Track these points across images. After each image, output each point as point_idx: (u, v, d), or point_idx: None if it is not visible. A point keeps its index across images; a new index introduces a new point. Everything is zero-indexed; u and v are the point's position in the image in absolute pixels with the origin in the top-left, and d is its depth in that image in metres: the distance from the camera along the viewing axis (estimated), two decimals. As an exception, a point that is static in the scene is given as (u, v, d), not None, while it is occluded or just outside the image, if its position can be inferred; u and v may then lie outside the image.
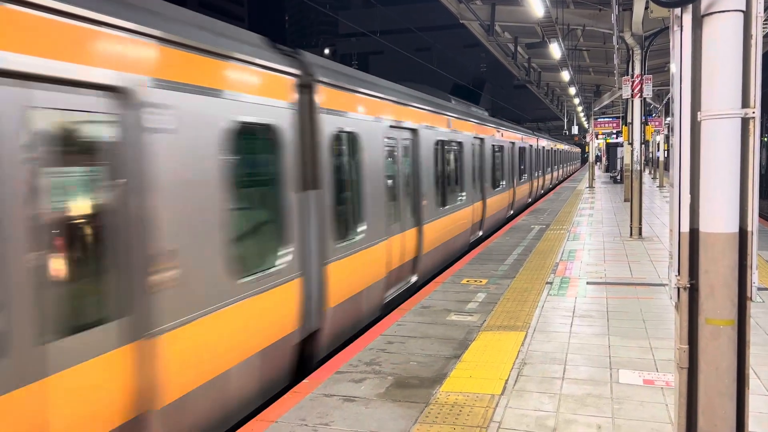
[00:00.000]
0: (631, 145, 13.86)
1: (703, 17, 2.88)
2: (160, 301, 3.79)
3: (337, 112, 6.33)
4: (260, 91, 4.94)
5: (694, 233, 3.02)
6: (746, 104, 2.88)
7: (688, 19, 2.94)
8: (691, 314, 3.07)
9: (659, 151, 35.47)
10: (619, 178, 33.31)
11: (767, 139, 18.32)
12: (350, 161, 6.83)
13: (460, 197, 11.86)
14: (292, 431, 4.21)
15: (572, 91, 29.08)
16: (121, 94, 3.54)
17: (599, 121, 32.51)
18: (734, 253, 2.93)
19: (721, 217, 2.90)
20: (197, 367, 4.14)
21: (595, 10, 15.39)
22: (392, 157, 8.29)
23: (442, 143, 10.66)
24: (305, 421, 4.36)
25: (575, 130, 48.90)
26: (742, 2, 2.81)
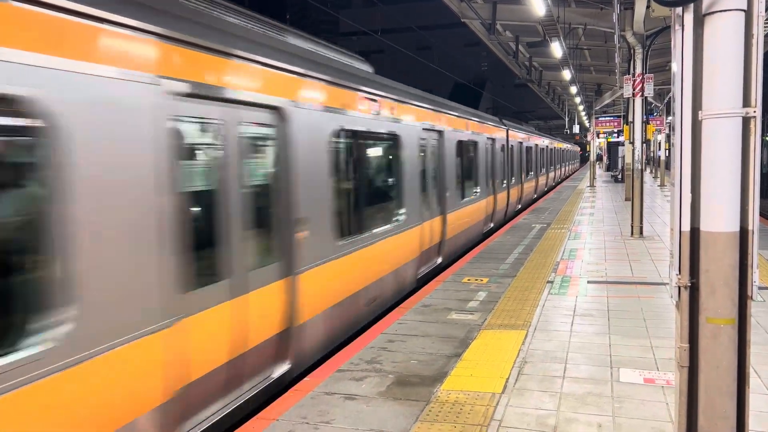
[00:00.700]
0: (632, 144, 13.86)
1: (704, 16, 2.88)
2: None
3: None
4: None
5: (695, 232, 3.02)
6: (747, 103, 2.88)
7: (689, 18, 2.94)
8: (691, 313, 3.07)
9: (660, 150, 35.47)
10: (620, 177, 33.31)
11: (768, 138, 18.30)
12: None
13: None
14: (293, 429, 4.22)
15: (573, 90, 29.06)
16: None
17: (600, 120, 32.50)
18: (735, 252, 2.93)
19: (721, 216, 2.91)
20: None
21: (596, 8, 15.38)
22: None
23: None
24: (306, 419, 4.37)
25: (576, 129, 48.88)
26: (743, 1, 2.81)
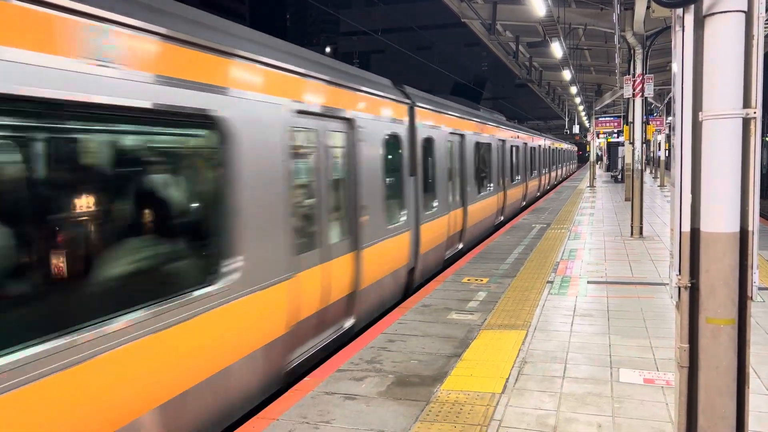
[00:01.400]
0: (632, 144, 13.86)
1: (704, 17, 2.88)
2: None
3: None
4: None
5: (695, 233, 3.02)
6: (747, 104, 2.88)
7: (689, 19, 2.94)
8: (691, 313, 3.07)
9: (660, 150, 35.46)
10: (620, 177, 33.31)
11: (768, 138, 18.31)
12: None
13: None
14: (293, 429, 4.22)
15: (573, 90, 29.06)
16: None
17: (600, 120, 32.48)
18: (735, 252, 2.94)
19: (722, 216, 2.91)
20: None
21: (596, 9, 15.39)
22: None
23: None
24: (306, 418, 4.37)
25: (576, 129, 48.87)
26: (743, 3, 2.81)
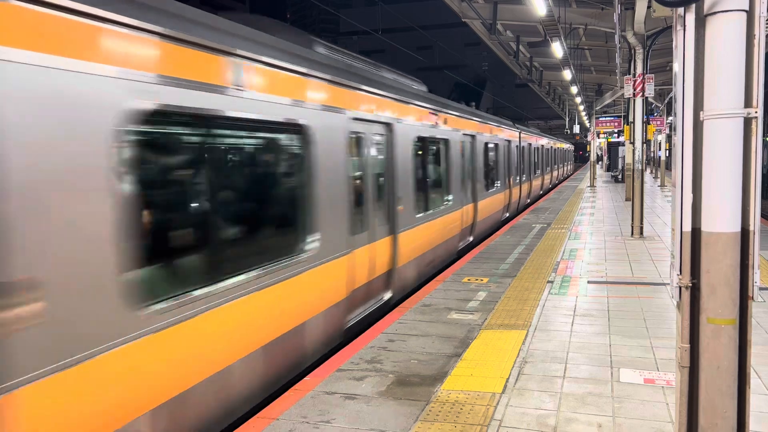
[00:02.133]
0: (632, 144, 13.85)
1: (706, 17, 2.88)
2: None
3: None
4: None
5: (696, 232, 3.02)
6: (749, 104, 2.88)
7: (691, 18, 2.94)
8: (692, 313, 3.07)
9: (661, 150, 35.44)
10: (620, 177, 33.29)
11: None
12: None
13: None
14: (293, 428, 4.22)
15: (574, 90, 29.05)
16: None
17: (601, 120, 32.45)
18: (736, 252, 2.93)
19: (723, 216, 2.91)
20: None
21: (597, 9, 15.38)
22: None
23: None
24: (306, 418, 4.37)
25: (577, 129, 48.85)
26: (745, 2, 2.81)
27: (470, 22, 16.38)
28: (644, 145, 13.73)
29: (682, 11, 2.97)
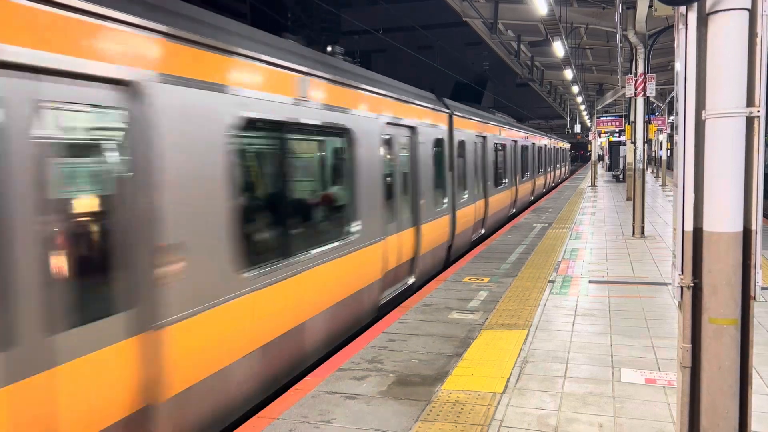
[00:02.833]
0: (633, 143, 13.85)
1: (708, 15, 2.87)
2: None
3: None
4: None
5: (697, 232, 3.01)
6: (751, 103, 2.87)
7: (692, 17, 2.93)
8: (694, 313, 3.06)
9: (662, 149, 35.40)
10: (621, 176, 33.28)
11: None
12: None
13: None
14: (293, 428, 4.21)
15: (575, 89, 29.02)
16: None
17: (602, 119, 32.43)
18: (738, 252, 2.92)
19: (725, 216, 2.90)
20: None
21: (598, 8, 15.37)
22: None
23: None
24: (307, 418, 4.36)
25: (578, 128, 48.80)
26: (747, 1, 2.79)
27: (471, 21, 16.37)
28: (645, 144, 13.71)
29: (683, 10, 2.96)
